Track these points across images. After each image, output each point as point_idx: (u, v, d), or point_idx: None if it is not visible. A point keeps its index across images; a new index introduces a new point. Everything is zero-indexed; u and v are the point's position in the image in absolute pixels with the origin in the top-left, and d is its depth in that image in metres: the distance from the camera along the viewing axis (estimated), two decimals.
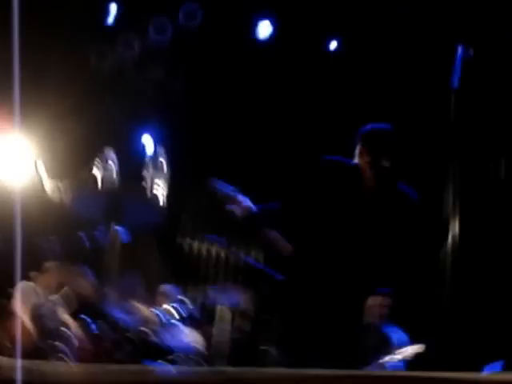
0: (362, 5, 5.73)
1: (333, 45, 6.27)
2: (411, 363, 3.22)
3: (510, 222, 5.67)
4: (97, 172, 4.08)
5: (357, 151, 3.40)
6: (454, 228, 3.67)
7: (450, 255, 3.76)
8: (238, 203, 3.40)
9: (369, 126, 3.44)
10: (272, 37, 5.68)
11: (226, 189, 3.53)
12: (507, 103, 6.01)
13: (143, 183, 4.29)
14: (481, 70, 4.33)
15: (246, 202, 3.38)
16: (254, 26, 5.57)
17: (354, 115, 3.98)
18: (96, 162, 4.08)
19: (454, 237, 3.71)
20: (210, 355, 3.87)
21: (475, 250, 5.33)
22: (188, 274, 6.45)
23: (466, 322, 4.10)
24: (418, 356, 3.15)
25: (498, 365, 2.89)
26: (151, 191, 4.28)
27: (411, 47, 5.93)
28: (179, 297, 5.09)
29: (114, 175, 4.10)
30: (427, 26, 5.79)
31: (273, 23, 5.74)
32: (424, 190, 3.89)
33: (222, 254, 6.59)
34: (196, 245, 5.97)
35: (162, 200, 4.32)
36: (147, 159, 4.51)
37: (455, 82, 3.41)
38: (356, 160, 3.40)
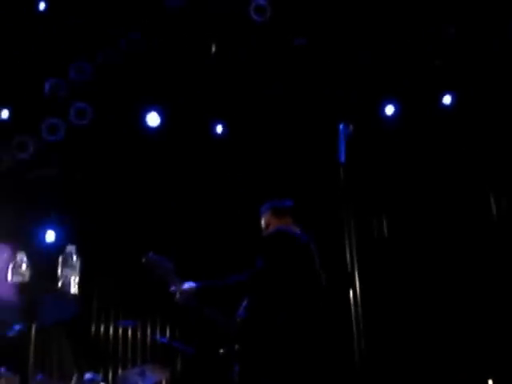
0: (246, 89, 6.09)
1: (219, 129, 6.57)
2: None
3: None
4: (10, 275, 4.10)
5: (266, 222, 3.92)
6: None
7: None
8: (178, 285, 3.50)
9: (275, 201, 3.95)
10: None
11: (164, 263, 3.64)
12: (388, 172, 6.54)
13: (58, 280, 4.34)
14: (362, 143, 4.81)
15: (188, 283, 3.48)
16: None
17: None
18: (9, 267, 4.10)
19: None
20: None
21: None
22: (106, 359, 6.43)
23: None
24: None
25: None
26: (65, 287, 4.33)
27: (298, 127, 6.38)
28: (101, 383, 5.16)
29: (28, 277, 4.13)
30: (310, 107, 6.27)
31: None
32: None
33: (138, 337, 6.62)
34: (110, 330, 6.01)
35: (75, 293, 4.37)
36: (59, 255, 4.56)
37: (341, 157, 3.77)
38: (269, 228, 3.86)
